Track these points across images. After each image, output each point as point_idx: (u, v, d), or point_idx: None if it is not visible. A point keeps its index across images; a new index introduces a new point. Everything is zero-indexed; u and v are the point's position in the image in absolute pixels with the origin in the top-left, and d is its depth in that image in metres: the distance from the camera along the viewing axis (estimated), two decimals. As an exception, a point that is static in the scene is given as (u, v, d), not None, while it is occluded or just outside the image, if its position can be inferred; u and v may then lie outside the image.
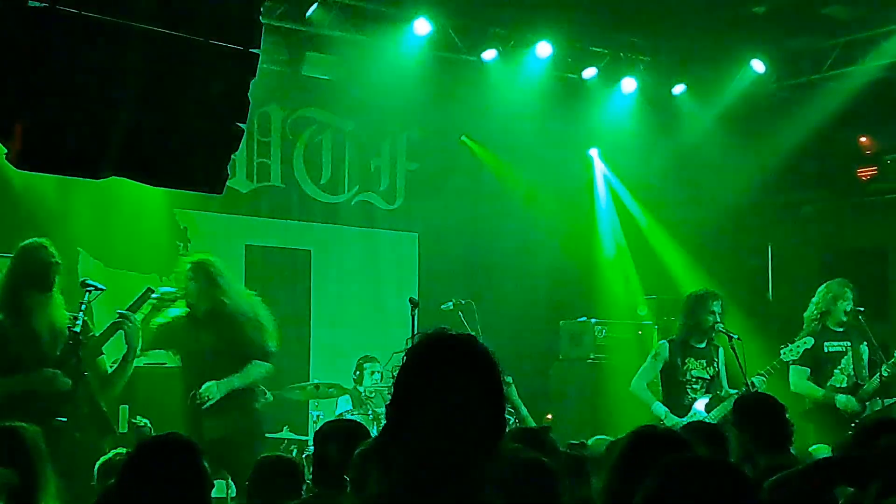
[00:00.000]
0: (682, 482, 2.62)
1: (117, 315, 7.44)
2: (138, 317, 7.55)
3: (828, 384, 9.19)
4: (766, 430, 5.60)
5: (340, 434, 5.15)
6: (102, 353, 7.45)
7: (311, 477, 5.32)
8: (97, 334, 7.41)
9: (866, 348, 9.27)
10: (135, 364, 7.57)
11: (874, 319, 9.55)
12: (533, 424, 8.45)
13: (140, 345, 7.56)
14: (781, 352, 9.10)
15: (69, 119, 5.66)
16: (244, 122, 6.15)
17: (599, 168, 12.86)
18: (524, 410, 7.34)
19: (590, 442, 7.09)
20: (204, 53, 5.92)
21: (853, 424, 8.30)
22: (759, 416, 5.70)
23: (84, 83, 5.64)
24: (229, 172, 6.27)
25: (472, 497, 2.75)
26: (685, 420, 8.88)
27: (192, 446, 4.11)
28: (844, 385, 9.18)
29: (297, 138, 11.67)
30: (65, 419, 6.95)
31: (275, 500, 5.10)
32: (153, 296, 7.80)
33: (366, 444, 4.53)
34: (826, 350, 9.22)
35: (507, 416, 2.87)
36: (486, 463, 2.79)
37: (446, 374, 2.76)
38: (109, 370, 7.49)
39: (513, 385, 7.24)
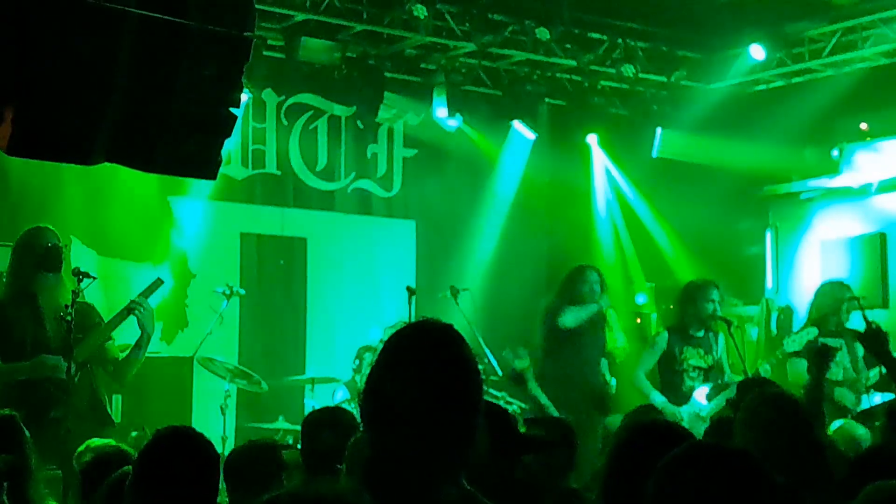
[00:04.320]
0: (694, 467, 2.56)
1: (129, 301, 7.42)
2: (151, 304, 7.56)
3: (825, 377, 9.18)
4: None
5: (331, 422, 5.11)
6: (111, 339, 7.42)
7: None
8: (105, 321, 7.39)
9: (861, 346, 9.29)
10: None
11: (874, 307, 9.54)
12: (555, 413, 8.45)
13: (154, 331, 7.58)
14: (784, 342, 9.09)
15: (61, 105, 5.62)
16: (237, 108, 6.10)
17: (598, 154, 12.81)
18: (543, 398, 7.25)
19: (607, 421, 7.09)
20: (197, 38, 5.85)
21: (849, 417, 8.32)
22: None
23: (76, 68, 5.59)
24: (222, 158, 6.21)
25: (433, 496, 2.70)
26: (684, 409, 8.87)
27: (204, 440, 4.07)
28: (841, 378, 9.19)
29: (292, 125, 11.60)
30: (61, 411, 6.93)
31: (254, 487, 5.02)
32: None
33: (360, 433, 4.49)
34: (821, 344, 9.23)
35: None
36: (456, 459, 2.74)
37: (411, 367, 2.72)
38: (120, 356, 7.48)
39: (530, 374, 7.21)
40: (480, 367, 2.85)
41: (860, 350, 9.24)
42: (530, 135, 12.21)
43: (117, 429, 7.55)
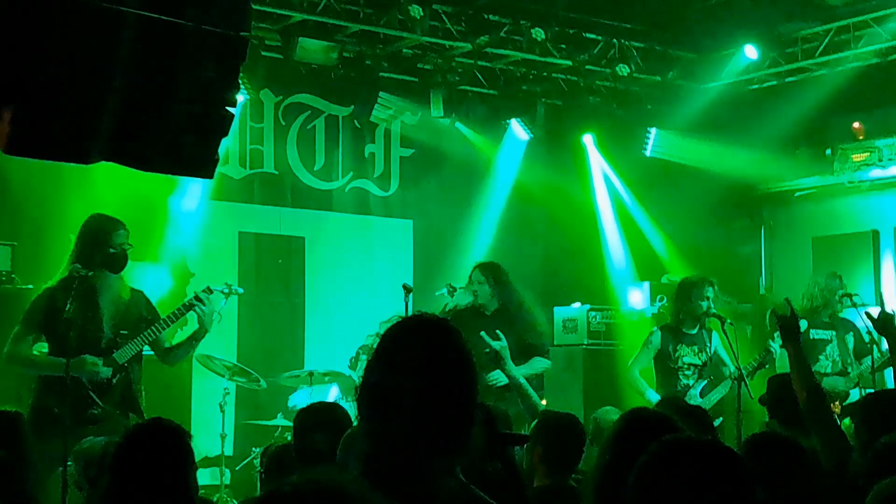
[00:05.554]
0: (672, 463, 2.56)
1: (192, 296, 7.62)
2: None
3: (813, 369, 9.25)
4: None
5: (322, 422, 5.12)
6: (167, 328, 7.53)
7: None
8: (163, 316, 7.53)
9: (851, 338, 9.39)
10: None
11: (866, 304, 9.60)
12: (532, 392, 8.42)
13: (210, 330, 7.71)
14: (774, 336, 9.14)
15: (58, 104, 5.63)
16: (234, 107, 6.14)
17: (593, 153, 12.89)
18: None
19: (597, 414, 7.08)
20: (194, 38, 5.90)
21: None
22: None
23: (73, 68, 5.61)
24: (220, 157, 6.27)
25: (431, 488, 2.71)
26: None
27: (178, 430, 4.13)
28: (829, 371, 9.29)
29: (289, 124, 11.67)
30: (99, 410, 7.01)
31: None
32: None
33: (353, 429, 4.53)
34: (811, 337, 9.31)
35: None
36: (453, 451, 2.76)
37: (408, 360, 2.73)
38: (172, 342, 7.67)
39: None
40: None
41: (850, 343, 9.34)
42: (526, 135, 12.28)
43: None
